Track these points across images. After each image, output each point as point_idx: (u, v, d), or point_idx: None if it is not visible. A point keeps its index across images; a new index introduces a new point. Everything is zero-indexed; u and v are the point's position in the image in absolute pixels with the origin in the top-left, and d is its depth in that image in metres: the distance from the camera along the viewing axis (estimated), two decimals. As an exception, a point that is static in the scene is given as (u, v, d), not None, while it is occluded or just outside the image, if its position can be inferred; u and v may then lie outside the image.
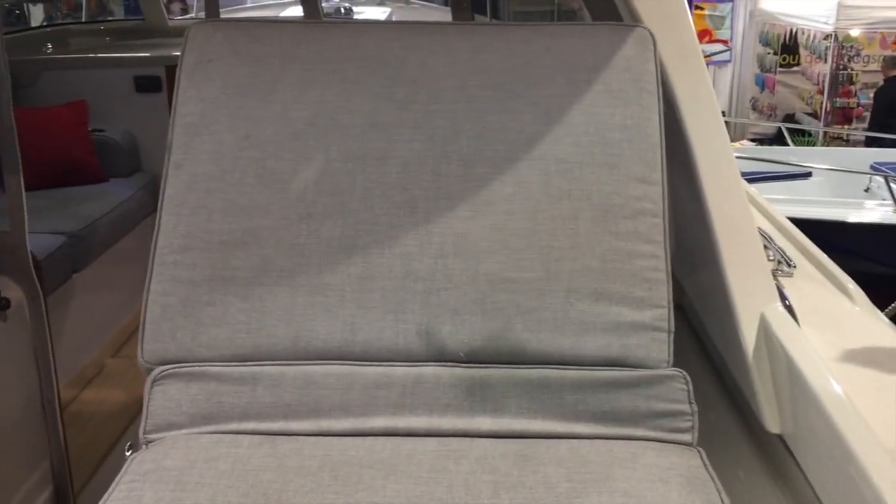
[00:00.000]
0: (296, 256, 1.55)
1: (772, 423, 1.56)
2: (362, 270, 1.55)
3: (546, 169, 1.59)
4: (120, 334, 3.83)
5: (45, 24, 6.27)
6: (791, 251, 2.21)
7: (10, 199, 2.29)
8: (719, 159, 1.77)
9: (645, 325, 1.53)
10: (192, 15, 7.40)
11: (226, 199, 1.58)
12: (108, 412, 3.23)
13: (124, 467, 1.40)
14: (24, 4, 7.00)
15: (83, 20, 5.73)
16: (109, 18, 5.65)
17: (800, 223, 5.16)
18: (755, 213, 2.53)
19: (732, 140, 10.66)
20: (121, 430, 3.11)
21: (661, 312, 1.54)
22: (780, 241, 2.25)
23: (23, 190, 2.29)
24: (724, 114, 11.81)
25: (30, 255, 2.36)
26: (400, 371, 1.51)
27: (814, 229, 5.03)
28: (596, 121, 1.62)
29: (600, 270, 1.54)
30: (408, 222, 1.57)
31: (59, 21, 7.20)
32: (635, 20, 1.87)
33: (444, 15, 5.08)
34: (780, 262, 2.06)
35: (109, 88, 4.53)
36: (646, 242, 1.56)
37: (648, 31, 1.70)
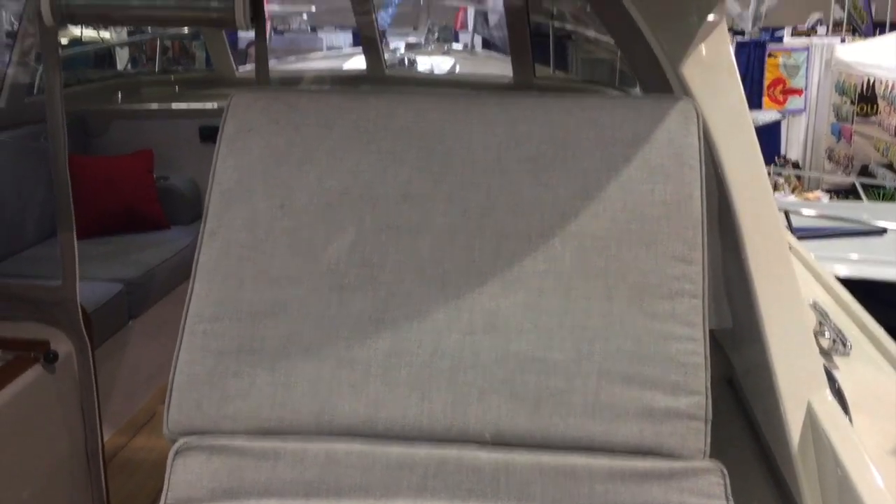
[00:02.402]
0: (324, 329, 1.53)
1: None
2: (390, 345, 1.52)
3: (581, 245, 1.55)
4: None
5: (122, 72, 6.52)
6: (848, 327, 2.10)
7: (62, 254, 2.34)
8: (767, 236, 1.70)
9: (680, 412, 1.46)
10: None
11: (257, 268, 1.58)
12: (155, 460, 3.26)
13: None
14: (112, 49, 7.32)
15: (156, 70, 5.94)
16: (180, 69, 5.84)
17: (871, 285, 4.96)
18: (812, 284, 2.43)
19: (806, 191, 10.40)
20: None
21: (698, 399, 1.47)
22: (837, 317, 2.14)
23: (75, 245, 2.35)
24: (797, 165, 11.56)
25: (79, 309, 2.41)
26: (423, 452, 1.47)
27: (886, 292, 4.82)
28: (634, 196, 1.57)
29: (635, 353, 1.48)
30: (438, 297, 1.54)
31: (143, 64, 7.50)
32: (684, 89, 1.82)
33: (508, 64, 5.08)
34: (834, 342, 1.96)
35: (176, 137, 4.65)
36: (683, 325, 1.50)
37: (693, 104, 1.65)
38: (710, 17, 1.91)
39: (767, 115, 10.35)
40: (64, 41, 6.26)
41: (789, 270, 1.68)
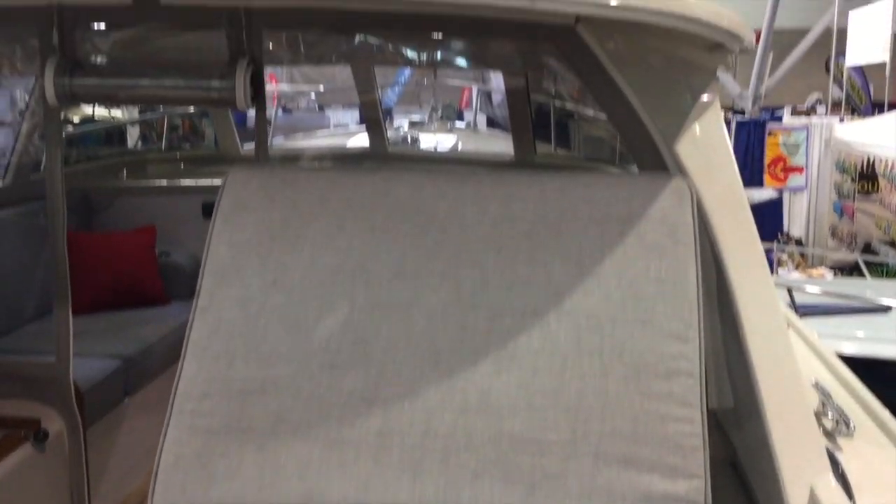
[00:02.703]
0: (314, 408, 1.51)
1: None
2: (381, 425, 1.49)
3: (576, 324, 1.53)
4: None
5: (129, 149, 6.61)
6: (852, 408, 2.06)
7: (57, 332, 2.33)
8: (765, 314, 1.69)
9: (679, 497, 1.42)
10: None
11: (248, 346, 1.57)
12: None
13: None
14: (123, 127, 7.45)
15: (163, 148, 6.04)
16: (188, 146, 5.93)
17: (876, 363, 4.90)
18: (814, 363, 2.40)
19: (810, 268, 10.37)
20: None
21: (696, 484, 1.42)
22: (840, 397, 2.11)
23: (70, 322, 2.33)
24: (800, 242, 11.56)
25: (72, 387, 2.38)
26: None
27: (892, 371, 4.75)
28: (629, 274, 1.56)
29: (631, 434, 1.45)
30: (431, 375, 1.52)
31: (154, 141, 7.62)
32: (679, 167, 1.83)
33: (510, 142, 5.14)
34: (837, 423, 1.92)
35: (179, 213, 4.69)
36: (680, 405, 1.47)
37: (687, 182, 1.66)
38: (704, 97, 1.94)
39: (764, 193, 10.40)
40: (76, 118, 6.37)
41: (788, 349, 1.66)
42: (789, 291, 5.70)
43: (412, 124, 10.17)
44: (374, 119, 5.35)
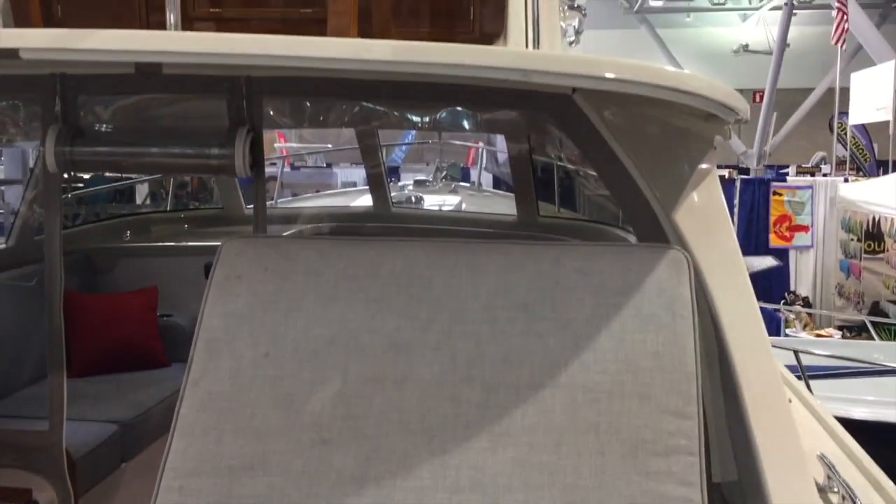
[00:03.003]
0: (304, 486, 1.47)
1: None
2: None
3: (572, 398, 1.50)
4: None
5: (133, 210, 6.66)
6: (858, 481, 2.01)
7: (51, 400, 2.30)
8: (765, 384, 1.66)
9: None
10: (273, 202, 7.76)
11: (238, 421, 1.54)
12: None
13: None
14: (133, 185, 7.52)
15: (167, 208, 6.07)
16: (194, 205, 5.97)
17: (887, 428, 4.82)
18: (820, 434, 2.35)
19: (818, 328, 10.29)
20: None
21: None
22: (846, 469, 2.05)
23: (64, 390, 2.31)
24: (808, 300, 11.49)
25: (65, 456, 2.35)
26: None
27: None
28: (626, 347, 1.54)
29: None
30: (424, 452, 1.48)
31: (163, 198, 7.68)
32: (677, 236, 1.82)
33: (513, 202, 5.17)
34: (844, 498, 1.86)
35: (181, 274, 4.67)
36: (679, 484, 1.43)
37: (683, 253, 1.64)
38: (702, 166, 1.93)
39: (763, 261, 10.34)
40: (86, 175, 6.42)
41: (790, 421, 1.62)
42: (796, 354, 5.64)
43: (417, 183, 10.25)
44: (377, 180, 5.39)
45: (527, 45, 1.87)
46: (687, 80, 1.55)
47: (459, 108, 3.29)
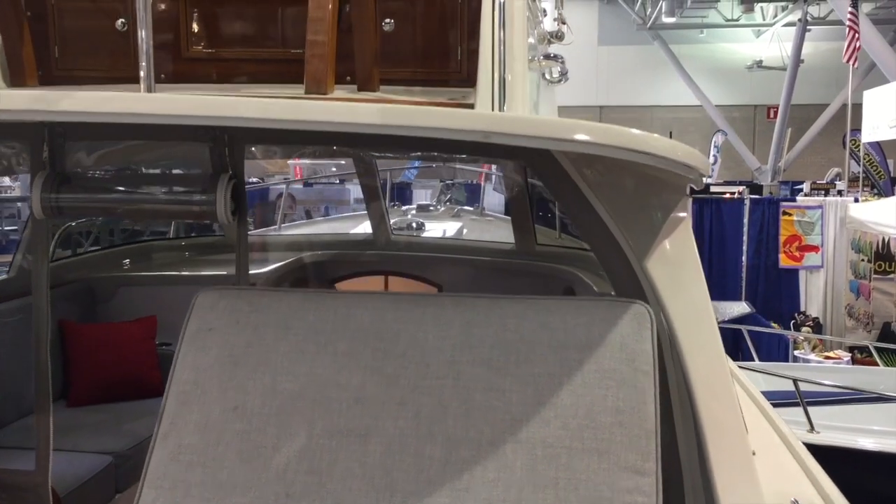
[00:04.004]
0: None
1: None
2: None
3: (532, 454, 1.52)
4: None
5: (135, 239, 6.73)
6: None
7: (38, 439, 2.34)
8: (728, 435, 1.68)
9: None
10: (275, 228, 7.81)
11: (205, 474, 1.56)
12: None
13: None
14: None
15: (170, 236, 6.13)
16: (192, 234, 6.02)
17: (887, 458, 4.77)
18: (797, 477, 2.35)
19: (828, 350, 10.22)
20: None
21: None
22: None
23: (51, 429, 2.34)
24: (817, 320, 11.40)
25: (51, 496, 2.38)
26: None
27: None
28: (586, 402, 1.56)
29: None
30: None
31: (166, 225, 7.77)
32: (649, 284, 1.84)
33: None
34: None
35: (181, 303, 4.70)
36: None
37: (646, 307, 1.66)
38: (675, 214, 1.95)
39: (735, 307, 10.14)
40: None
41: (752, 477, 1.63)
42: (795, 383, 5.61)
43: (420, 208, 10.28)
44: (376, 208, 5.41)
45: (493, 101, 1.89)
46: (648, 142, 1.57)
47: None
